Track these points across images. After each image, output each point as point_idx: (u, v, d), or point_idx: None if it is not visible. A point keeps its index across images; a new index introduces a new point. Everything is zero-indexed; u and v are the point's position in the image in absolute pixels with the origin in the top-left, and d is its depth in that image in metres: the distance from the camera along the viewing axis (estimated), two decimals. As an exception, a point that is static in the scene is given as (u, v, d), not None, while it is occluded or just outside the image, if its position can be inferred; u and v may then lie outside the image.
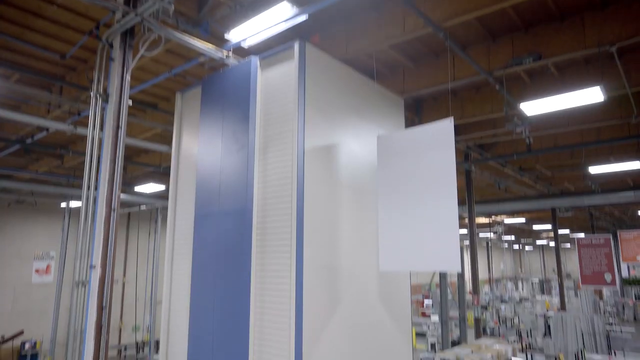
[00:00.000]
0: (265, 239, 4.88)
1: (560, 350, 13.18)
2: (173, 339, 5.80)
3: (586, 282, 17.60)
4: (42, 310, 19.79)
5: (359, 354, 5.18)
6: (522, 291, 46.15)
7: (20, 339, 18.93)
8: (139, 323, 22.92)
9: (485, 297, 32.39)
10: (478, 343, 12.09)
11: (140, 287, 21.66)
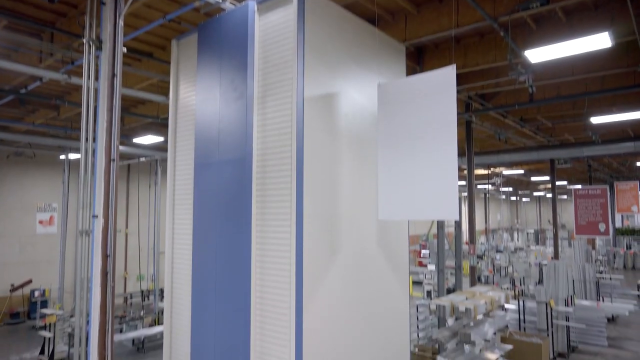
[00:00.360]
0: (266, 187, 4.91)
1: (551, 297, 13.64)
2: (176, 287, 5.98)
3: (580, 232, 17.96)
4: (49, 260, 20.30)
5: (358, 300, 5.36)
6: (517, 241, 47.18)
7: (29, 287, 19.55)
8: (143, 273, 23.58)
9: (481, 247, 33.18)
10: (472, 290, 12.51)
11: (143, 238, 22.06)
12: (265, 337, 4.76)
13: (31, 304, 19.37)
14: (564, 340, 13.89)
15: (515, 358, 12.24)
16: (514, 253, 36.04)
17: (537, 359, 12.41)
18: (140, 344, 15.01)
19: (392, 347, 5.96)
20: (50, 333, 13.67)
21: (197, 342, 5.46)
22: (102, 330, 4.80)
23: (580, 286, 17.20)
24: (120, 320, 17.08)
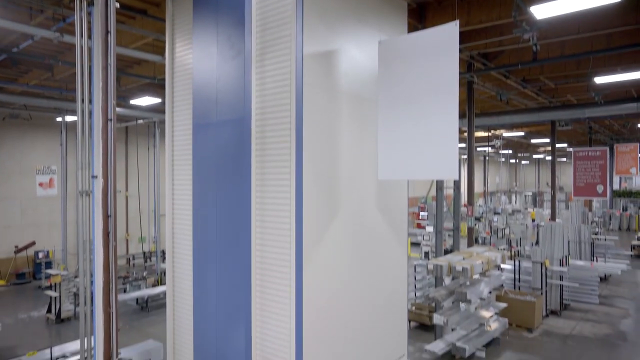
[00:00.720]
0: (265, 147, 4.89)
1: (547, 257, 13.90)
2: (178, 248, 6.05)
3: (578, 193, 18.07)
4: (50, 223, 20.50)
5: (358, 259, 5.45)
6: (514, 204, 47.58)
7: (33, 249, 19.84)
8: (145, 235, 23.87)
9: (479, 210, 33.50)
10: (470, 250, 12.71)
11: (143, 201, 22.18)
12: (266, 295, 4.86)
13: (36, 265, 19.72)
14: (557, 298, 14.26)
15: (510, 315, 12.61)
16: (511, 215, 36.43)
17: (530, 316, 12.78)
18: (144, 303, 15.39)
19: (391, 306, 6.11)
20: (56, 292, 13.99)
21: (199, 302, 5.59)
22: (106, 289, 4.90)
23: (575, 247, 17.48)
24: (123, 281, 17.44)
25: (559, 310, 14.20)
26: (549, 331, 12.75)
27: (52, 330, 13.31)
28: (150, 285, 16.57)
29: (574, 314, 14.32)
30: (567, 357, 10.91)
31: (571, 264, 14.98)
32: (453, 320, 10.61)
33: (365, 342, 5.57)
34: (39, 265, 19.40)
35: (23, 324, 13.99)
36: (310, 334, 4.65)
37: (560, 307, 14.24)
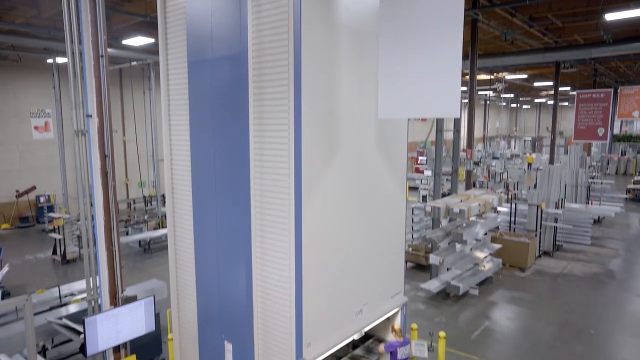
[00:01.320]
0: (263, 84, 4.75)
1: (543, 200, 14.07)
2: (177, 191, 6.05)
3: (579, 136, 17.97)
4: (50, 167, 20.51)
5: (357, 198, 5.47)
6: (513, 149, 47.55)
7: (34, 194, 19.99)
8: (144, 180, 23.96)
9: (477, 155, 33.51)
10: (467, 193, 12.83)
11: (141, 145, 22.05)
12: (265, 234, 4.93)
13: (38, 209, 19.95)
14: (550, 240, 14.61)
15: (504, 256, 12.97)
16: (509, 160, 36.52)
17: (523, 256, 13.15)
18: (147, 246, 15.75)
19: (389, 244, 6.23)
20: (60, 235, 14.26)
21: (200, 242, 5.68)
22: (107, 228, 4.97)
23: (572, 190, 17.66)
24: (125, 224, 17.73)
25: (552, 251, 14.59)
26: (541, 270, 13.18)
27: (59, 270, 13.70)
28: (151, 228, 16.87)
29: (565, 254, 14.73)
30: (557, 294, 11.35)
31: (566, 207, 15.21)
32: (448, 260, 10.92)
33: (364, 279, 5.74)
34: (41, 209, 19.64)
35: (30, 265, 14.38)
36: (310, 271, 4.77)
37: (553, 248, 14.62)
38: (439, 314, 10.18)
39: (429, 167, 25.38)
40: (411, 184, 28.58)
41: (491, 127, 51.40)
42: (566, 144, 40.17)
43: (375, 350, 6.58)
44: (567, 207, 15.24)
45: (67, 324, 7.32)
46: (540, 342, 8.82)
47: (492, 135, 51.45)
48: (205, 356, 5.81)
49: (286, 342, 4.82)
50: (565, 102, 51.36)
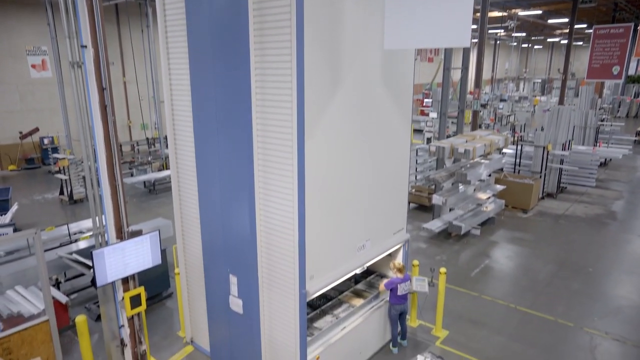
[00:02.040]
0: (264, 14, 4.48)
1: (550, 141, 13.88)
2: (179, 133, 5.93)
3: (592, 75, 17.34)
4: (52, 109, 20.29)
5: (360, 133, 5.36)
6: (522, 91, 46.47)
7: (38, 135, 19.95)
8: (146, 122, 23.77)
9: (485, 97, 32.77)
10: (473, 134, 12.65)
11: (142, 86, 21.65)
12: (268, 168, 4.88)
13: (43, 150, 20.00)
14: (555, 182, 14.58)
15: (507, 197, 13.01)
16: (517, 102, 35.77)
17: (526, 198, 13.19)
18: (152, 187, 15.90)
19: (392, 183, 6.20)
20: (66, 176, 14.37)
21: (203, 178, 5.65)
22: (110, 163, 4.92)
23: (580, 132, 17.37)
24: (129, 166, 17.80)
25: (555, 193, 14.62)
26: (543, 212, 13.27)
27: (67, 210, 13.94)
28: (155, 169, 16.95)
29: (569, 196, 14.77)
30: (558, 234, 11.49)
31: (573, 149, 15.03)
32: (451, 200, 10.97)
33: (366, 215, 5.77)
34: (46, 151, 19.69)
35: (39, 204, 14.62)
36: (313, 205, 4.77)
37: (556, 190, 14.64)
38: (440, 253, 10.39)
39: (434, 110, 24.95)
40: (416, 126, 28.23)
41: (500, 69, 49.92)
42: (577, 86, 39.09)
43: (377, 285, 6.76)
44: (574, 149, 15.07)
45: (78, 259, 7.54)
46: (539, 279, 9.04)
47: (500, 77, 50.09)
48: (211, 289, 5.99)
49: (289, 274, 4.92)
50: (580, 41, 49.40)
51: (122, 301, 5.23)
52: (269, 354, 5.53)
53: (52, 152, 18.50)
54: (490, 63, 45.54)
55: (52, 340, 5.40)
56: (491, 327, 7.31)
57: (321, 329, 5.58)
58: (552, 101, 31.03)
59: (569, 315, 7.67)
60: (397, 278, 6.22)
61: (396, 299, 6.24)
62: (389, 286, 6.20)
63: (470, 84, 31.79)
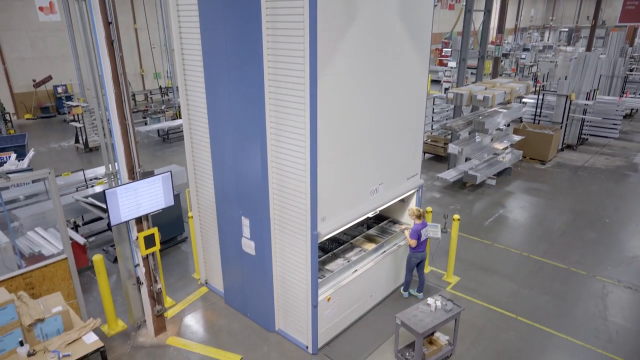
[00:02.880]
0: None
1: (573, 91, 13.32)
2: (190, 81, 5.77)
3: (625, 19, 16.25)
4: (63, 56, 20.08)
5: (375, 74, 5.13)
6: (547, 40, 44.41)
7: (51, 84, 19.91)
8: (159, 71, 23.47)
9: (507, 47, 31.36)
10: (493, 81, 12.17)
11: (154, 33, 21.20)
12: (280, 108, 4.73)
13: (57, 99, 20.04)
14: (576, 133, 14.13)
15: (525, 148, 12.68)
16: (541, 52, 34.27)
17: (545, 149, 12.84)
18: (166, 135, 15.90)
19: (407, 127, 6.01)
20: (80, 124, 14.42)
21: (214, 121, 5.53)
22: (119, 100, 4.81)
23: (606, 82, 16.61)
24: (143, 115, 17.75)
25: (576, 144, 14.20)
26: (562, 163, 12.96)
27: (83, 158, 14.10)
28: (169, 118, 16.88)
29: (590, 148, 14.36)
30: (575, 185, 11.25)
31: (598, 98, 14.44)
32: (467, 150, 10.72)
33: (380, 159, 5.63)
34: (60, 99, 19.72)
35: (55, 152, 14.80)
36: (325, 147, 4.64)
37: (577, 142, 14.21)
38: (454, 202, 10.30)
39: (453, 59, 24.02)
40: (434, 76, 27.39)
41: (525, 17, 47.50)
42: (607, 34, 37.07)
43: (389, 231, 6.74)
44: (599, 99, 14.47)
45: (93, 202, 7.65)
46: (553, 229, 8.94)
47: (524, 26, 47.74)
48: (224, 231, 6.04)
49: (301, 215, 4.90)
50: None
51: (136, 241, 5.31)
52: (281, 294, 5.63)
53: (66, 100, 18.50)
54: (514, 11, 43.28)
55: (72, 277, 5.56)
56: (502, 274, 7.32)
57: (332, 271, 5.63)
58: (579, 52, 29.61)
59: (582, 263, 7.61)
60: (419, 224, 6.16)
61: (417, 247, 6.21)
62: (415, 235, 6.12)
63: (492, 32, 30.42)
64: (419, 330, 4.90)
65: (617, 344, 5.70)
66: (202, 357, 5.49)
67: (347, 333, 5.85)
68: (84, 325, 4.74)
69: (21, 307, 4.54)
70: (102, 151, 5.08)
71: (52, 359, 4.28)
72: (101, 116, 9.08)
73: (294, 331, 5.68)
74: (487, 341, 5.75)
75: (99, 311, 6.24)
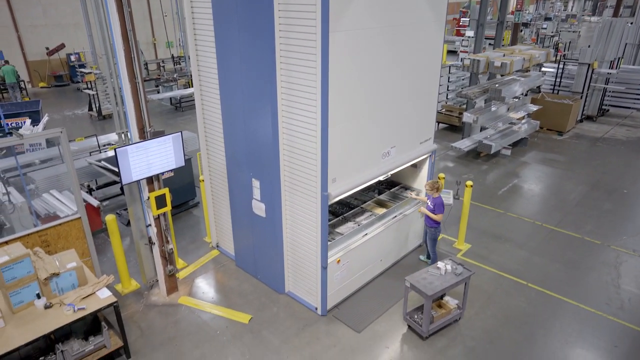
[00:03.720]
0: None
1: (596, 59, 12.83)
2: (201, 51, 5.67)
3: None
4: (76, 24, 19.98)
5: (389, 34, 4.96)
6: (571, 10, 42.75)
7: (64, 52, 19.89)
8: (171, 40, 23.22)
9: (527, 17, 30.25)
10: (512, 48, 11.79)
11: (165, 1, 20.90)
12: (291, 67, 4.62)
13: (70, 67, 20.05)
14: (597, 103, 13.71)
15: (542, 119, 12.36)
16: (564, 21, 33.03)
17: (564, 119, 12.51)
18: (178, 104, 15.87)
19: (421, 91, 5.85)
20: (93, 91, 14.45)
21: (225, 86, 5.46)
22: (129, 59, 4.75)
23: (632, 50, 15.93)
24: (155, 83, 17.70)
25: (596, 115, 13.80)
26: (580, 134, 12.64)
27: (96, 125, 14.19)
28: (181, 86, 16.81)
29: (610, 119, 13.95)
30: (593, 157, 10.99)
31: (622, 67, 13.91)
32: (483, 119, 10.49)
33: (393, 122, 5.51)
34: (73, 67, 19.72)
35: (69, 119, 14.91)
36: (337, 108, 4.55)
37: (597, 112, 13.81)
38: (467, 172, 10.17)
39: (471, 28, 23.29)
40: (450, 47, 26.68)
41: (548, -15, 45.55)
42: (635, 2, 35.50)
43: (401, 197, 6.69)
44: (623, 68, 13.94)
45: (106, 166, 7.72)
46: (568, 199, 8.79)
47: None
48: (235, 194, 6.05)
49: (312, 176, 4.86)
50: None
51: (147, 201, 5.34)
52: (291, 256, 5.66)
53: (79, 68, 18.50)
54: (537, -22, 41.50)
55: (86, 236, 5.65)
56: (514, 242, 7.25)
57: (343, 234, 5.62)
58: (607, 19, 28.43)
59: (596, 233, 7.50)
60: (438, 197, 5.91)
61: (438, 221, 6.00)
62: (441, 208, 5.88)
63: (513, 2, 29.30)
64: (428, 293, 4.90)
65: (628, 311, 5.64)
66: (213, 316, 5.59)
67: (356, 296, 5.89)
68: (98, 281, 4.84)
69: (37, 261, 4.64)
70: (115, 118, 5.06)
71: (67, 312, 4.39)
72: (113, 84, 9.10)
73: (303, 293, 5.74)
74: (496, 306, 5.75)
75: (112, 271, 6.37)
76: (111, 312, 5.26)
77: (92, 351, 4.67)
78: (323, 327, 5.36)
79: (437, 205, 5.91)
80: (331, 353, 4.97)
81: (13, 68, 16.27)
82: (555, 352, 5.00)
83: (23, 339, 4.10)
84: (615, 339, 5.19)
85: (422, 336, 5.17)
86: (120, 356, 4.95)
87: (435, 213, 5.91)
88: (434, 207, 5.92)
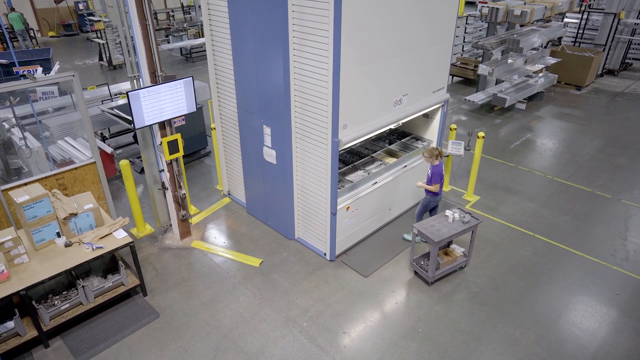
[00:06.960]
0: None
1: (624, 8, 12.21)
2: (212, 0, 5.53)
3: None
4: (82, -29, 19.49)
5: None
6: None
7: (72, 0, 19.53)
8: (181, -12, 22.58)
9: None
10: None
11: (173, -54, 20.21)
12: (304, 9, 4.51)
13: (79, 16, 19.75)
14: (620, 56, 13.21)
15: (561, 72, 12.00)
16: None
17: (583, 73, 12.12)
18: (188, 54, 15.67)
19: (436, 39, 5.69)
20: (103, 40, 14.29)
21: (236, 32, 5.35)
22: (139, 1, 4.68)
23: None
24: (166, 33, 17.42)
25: (618, 69, 13.34)
26: (599, 89, 12.28)
27: (107, 75, 14.13)
28: (192, 36, 16.53)
29: (633, 74, 13.48)
30: (611, 112, 10.73)
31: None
32: (499, 71, 10.22)
33: (405, 69, 5.40)
34: (82, 17, 19.42)
35: (80, 69, 14.85)
36: (348, 53, 4.46)
37: (620, 66, 13.33)
38: (480, 125, 10.04)
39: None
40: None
41: None
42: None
43: (412, 147, 6.67)
44: (649, 19, 13.28)
45: (119, 114, 7.77)
46: (582, 153, 8.69)
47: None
48: (246, 141, 6.09)
49: (323, 122, 4.86)
50: None
51: (160, 146, 5.41)
52: (301, 203, 5.76)
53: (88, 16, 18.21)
54: None
55: (101, 181, 5.79)
56: (524, 195, 7.26)
57: (352, 181, 5.67)
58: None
59: (608, 187, 7.46)
60: (437, 165, 5.49)
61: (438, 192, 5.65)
62: (439, 178, 5.47)
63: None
64: (434, 239, 4.99)
65: (633, 262, 5.71)
66: (225, 259, 5.79)
67: (364, 243, 6.03)
68: (114, 222, 5.01)
69: (56, 202, 4.79)
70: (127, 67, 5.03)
71: (86, 250, 4.59)
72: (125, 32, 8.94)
73: (312, 239, 5.89)
74: (502, 255, 5.85)
75: (127, 216, 6.56)
76: (128, 254, 5.48)
77: (111, 288, 4.91)
78: (331, 271, 5.53)
79: (434, 175, 5.48)
80: (339, 295, 5.16)
81: (19, 15, 16.07)
82: (557, 298, 5.13)
83: (46, 274, 4.32)
84: (618, 287, 5.29)
85: (427, 281, 5.32)
86: (137, 294, 5.20)
87: (432, 183, 5.52)
88: (430, 177, 5.53)
